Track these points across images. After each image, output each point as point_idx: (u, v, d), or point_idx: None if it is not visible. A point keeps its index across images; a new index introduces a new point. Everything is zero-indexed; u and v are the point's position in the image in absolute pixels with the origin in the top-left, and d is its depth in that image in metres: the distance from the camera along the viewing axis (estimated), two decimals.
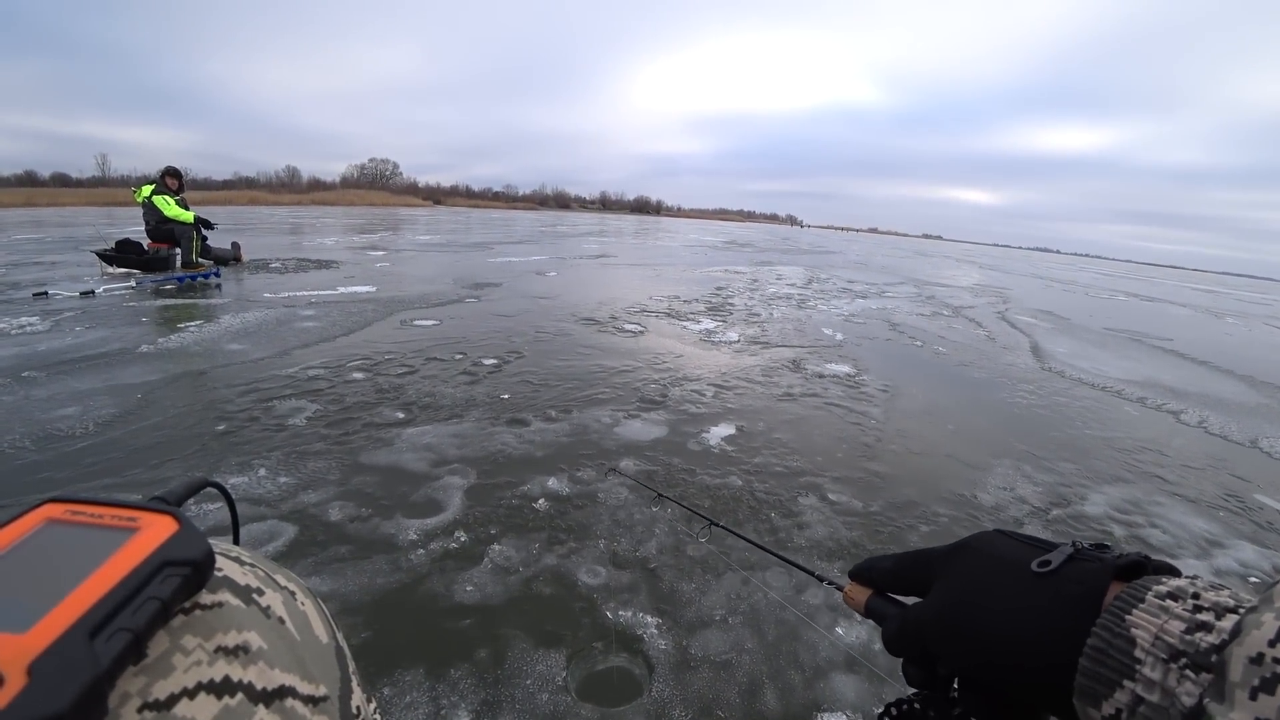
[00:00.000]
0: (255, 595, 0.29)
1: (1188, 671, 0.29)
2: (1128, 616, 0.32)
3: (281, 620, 0.30)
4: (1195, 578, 0.34)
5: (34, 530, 0.26)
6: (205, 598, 0.27)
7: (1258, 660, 0.26)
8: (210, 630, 0.26)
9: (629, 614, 2.13)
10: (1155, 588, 0.33)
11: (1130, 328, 11.32)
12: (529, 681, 1.82)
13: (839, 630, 2.11)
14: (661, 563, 2.44)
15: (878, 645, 2.03)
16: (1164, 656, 0.30)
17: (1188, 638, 0.29)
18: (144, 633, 0.23)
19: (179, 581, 0.25)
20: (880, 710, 0.45)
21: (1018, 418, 4.86)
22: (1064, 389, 5.92)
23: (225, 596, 0.28)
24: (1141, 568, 0.36)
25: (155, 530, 0.27)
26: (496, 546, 2.49)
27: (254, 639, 0.27)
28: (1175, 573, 0.35)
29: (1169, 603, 0.31)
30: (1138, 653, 0.30)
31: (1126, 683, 0.30)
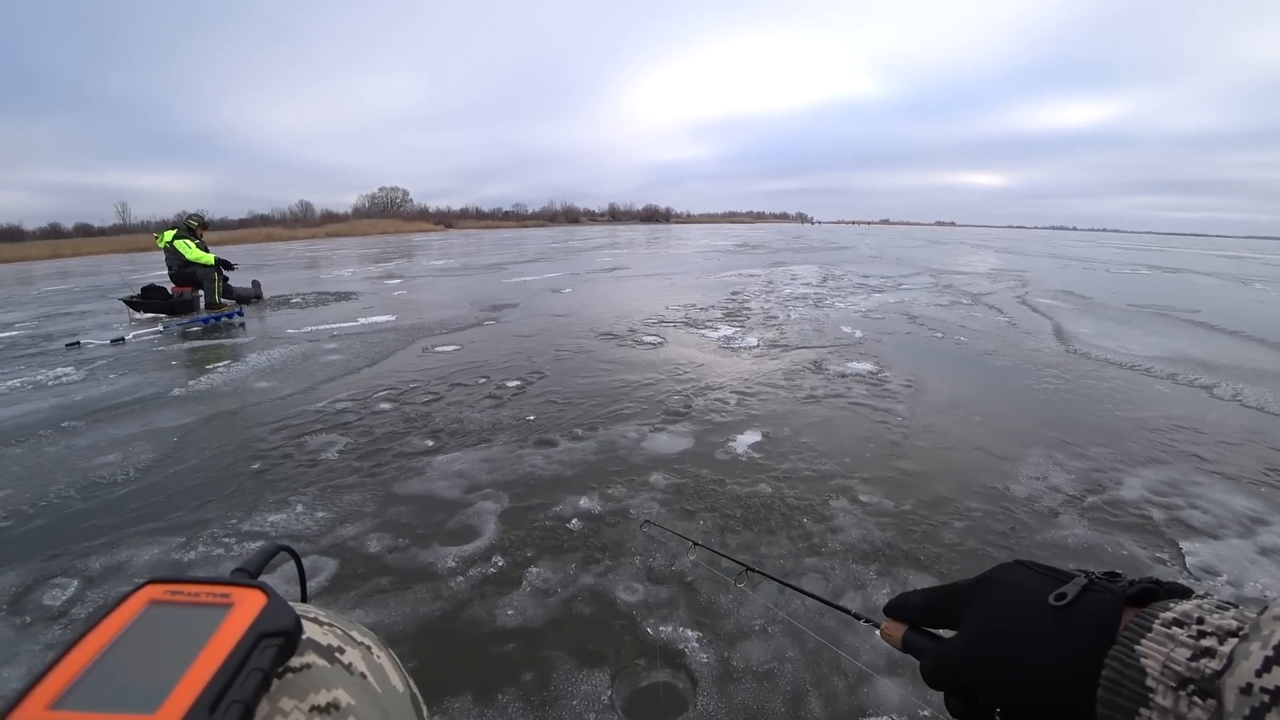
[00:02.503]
0: (337, 654, 0.32)
1: (1195, 698, 0.30)
2: (1137, 646, 0.33)
3: (363, 675, 0.32)
4: (1203, 598, 0.35)
5: (140, 613, 0.29)
6: (294, 661, 0.29)
7: (1247, 690, 0.27)
8: (303, 691, 0.28)
9: (669, 629, 2.15)
10: (1162, 615, 0.34)
11: (1155, 302, 11.10)
12: (575, 702, 1.84)
13: (878, 635, 2.10)
14: (698, 576, 2.45)
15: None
16: (1173, 684, 0.31)
17: (1193, 664, 0.31)
18: (252, 702, 0.25)
19: (275, 651, 0.27)
20: None
21: (1045, 404, 4.80)
22: (1091, 371, 5.83)
23: (312, 658, 0.30)
24: (1153, 594, 0.37)
25: (248, 605, 0.29)
26: (534, 569, 2.51)
27: (342, 696, 0.29)
28: (1187, 594, 0.37)
29: (1174, 630, 0.33)
30: (1149, 681, 0.32)
31: (1143, 710, 0.31)
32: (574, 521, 2.89)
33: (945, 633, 0.47)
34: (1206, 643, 0.31)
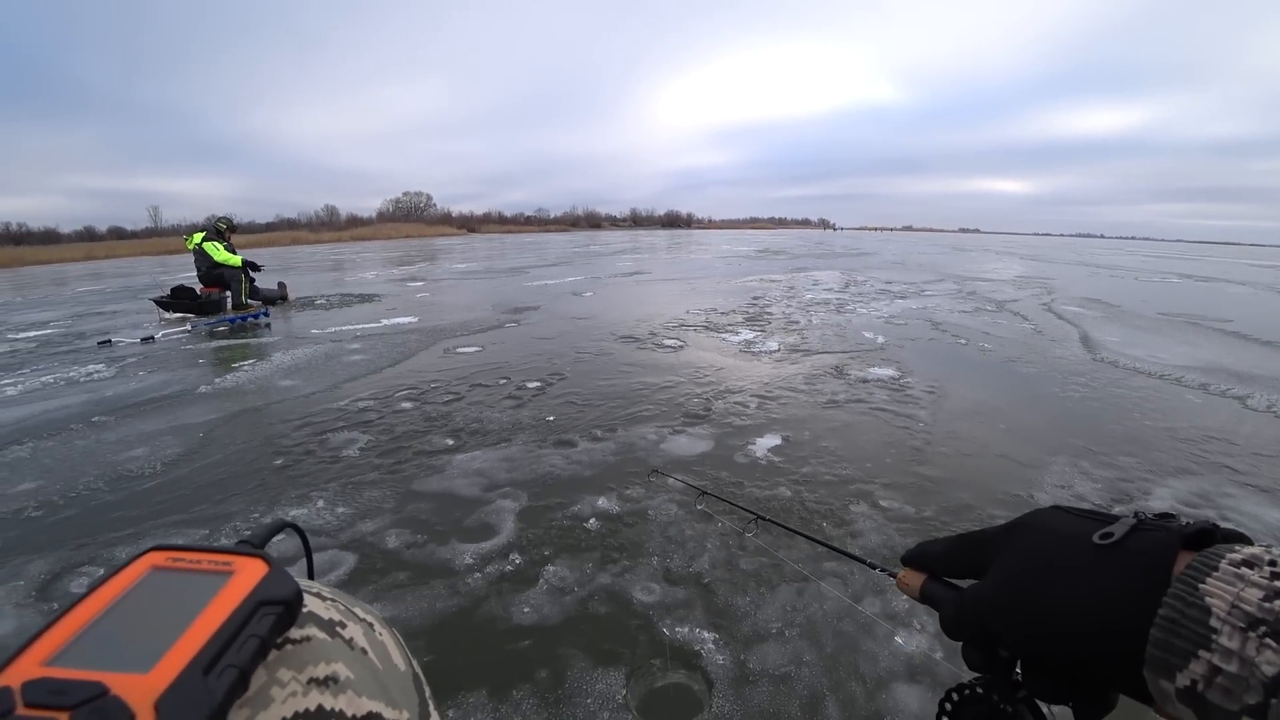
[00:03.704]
0: (339, 628, 0.32)
1: (1268, 640, 0.27)
2: (1201, 585, 0.31)
3: (364, 651, 0.32)
4: (1270, 545, 0.32)
5: (142, 578, 0.29)
6: (294, 633, 0.29)
7: None
8: (302, 663, 0.28)
9: (685, 630, 2.13)
10: (1229, 555, 0.32)
11: (1186, 310, 10.86)
12: (589, 700, 1.84)
13: (899, 640, 2.08)
14: (715, 577, 2.43)
15: (939, 653, 1.99)
16: (1242, 625, 0.28)
17: (1266, 605, 0.28)
18: (248, 668, 0.25)
19: (273, 619, 0.27)
20: (942, 696, 0.44)
21: (1071, 412, 4.71)
22: (1119, 379, 5.72)
23: (312, 631, 0.30)
24: (1210, 535, 0.35)
25: (249, 573, 0.29)
26: (551, 567, 2.52)
27: (341, 669, 0.29)
28: (1246, 540, 0.34)
29: (1245, 570, 0.30)
30: (1213, 621, 0.29)
31: (1202, 653, 0.29)
32: (592, 521, 2.89)
33: (968, 584, 0.44)
34: None
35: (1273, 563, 0.30)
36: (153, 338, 7.78)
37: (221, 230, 10.41)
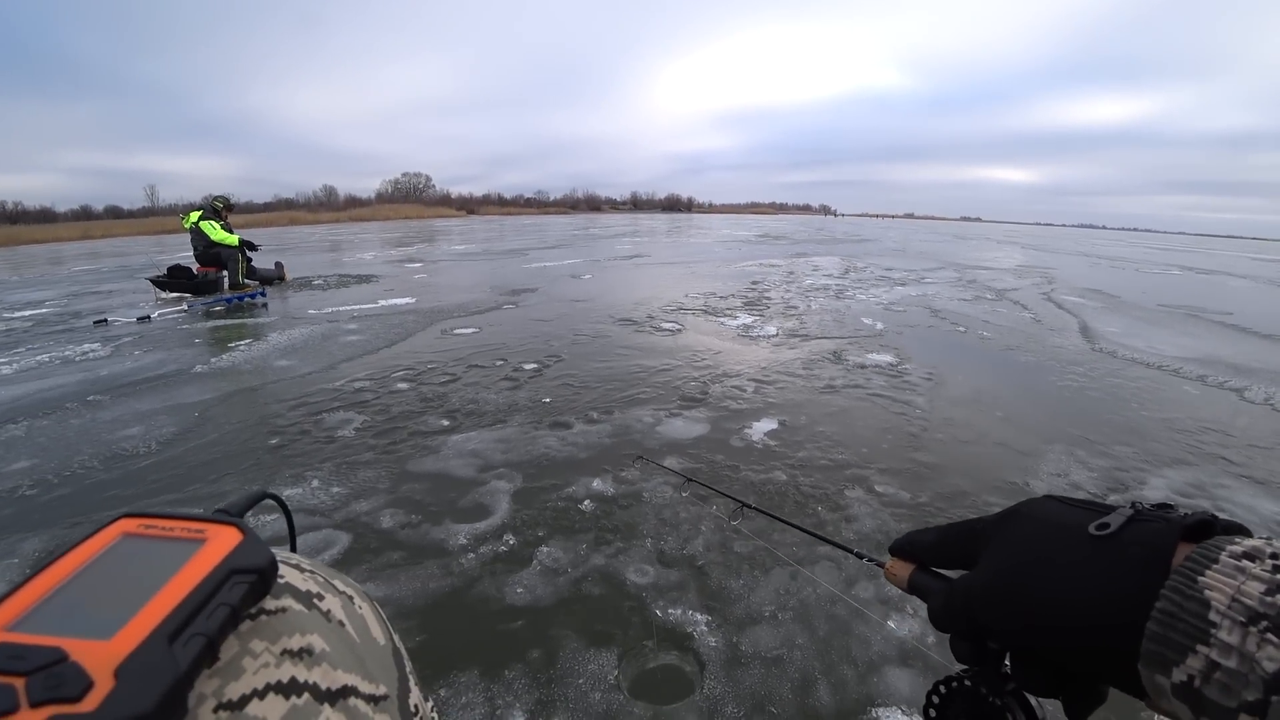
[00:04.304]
0: (316, 600, 0.31)
1: (1269, 635, 0.27)
2: (1200, 578, 0.30)
3: (341, 623, 0.31)
4: (1270, 537, 0.31)
5: (111, 544, 0.28)
6: (270, 603, 0.29)
7: None
8: (276, 634, 0.27)
9: (678, 612, 2.14)
10: (1229, 547, 0.30)
11: (1186, 303, 10.85)
12: (581, 681, 1.84)
13: (891, 624, 2.08)
14: (709, 560, 2.44)
15: (932, 638, 2.00)
16: (1242, 619, 0.28)
17: (1268, 599, 0.27)
18: (217, 637, 0.24)
19: (246, 588, 0.27)
20: (929, 688, 0.44)
21: (1069, 401, 4.72)
22: (1117, 369, 5.72)
23: (288, 602, 0.29)
24: (1210, 527, 0.34)
25: (221, 541, 0.28)
26: (545, 548, 2.52)
27: (317, 641, 0.28)
28: (1246, 532, 0.33)
29: (1245, 563, 0.29)
30: (1212, 616, 0.28)
31: (1200, 648, 0.28)
32: (586, 503, 2.89)
33: (958, 574, 0.44)
34: None
35: (1274, 555, 0.29)
36: (149, 317, 7.76)
37: (218, 209, 10.36)
